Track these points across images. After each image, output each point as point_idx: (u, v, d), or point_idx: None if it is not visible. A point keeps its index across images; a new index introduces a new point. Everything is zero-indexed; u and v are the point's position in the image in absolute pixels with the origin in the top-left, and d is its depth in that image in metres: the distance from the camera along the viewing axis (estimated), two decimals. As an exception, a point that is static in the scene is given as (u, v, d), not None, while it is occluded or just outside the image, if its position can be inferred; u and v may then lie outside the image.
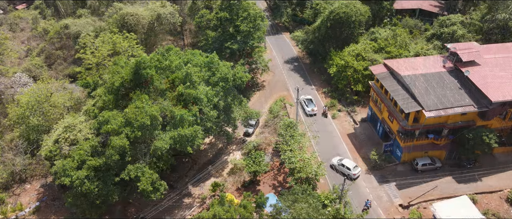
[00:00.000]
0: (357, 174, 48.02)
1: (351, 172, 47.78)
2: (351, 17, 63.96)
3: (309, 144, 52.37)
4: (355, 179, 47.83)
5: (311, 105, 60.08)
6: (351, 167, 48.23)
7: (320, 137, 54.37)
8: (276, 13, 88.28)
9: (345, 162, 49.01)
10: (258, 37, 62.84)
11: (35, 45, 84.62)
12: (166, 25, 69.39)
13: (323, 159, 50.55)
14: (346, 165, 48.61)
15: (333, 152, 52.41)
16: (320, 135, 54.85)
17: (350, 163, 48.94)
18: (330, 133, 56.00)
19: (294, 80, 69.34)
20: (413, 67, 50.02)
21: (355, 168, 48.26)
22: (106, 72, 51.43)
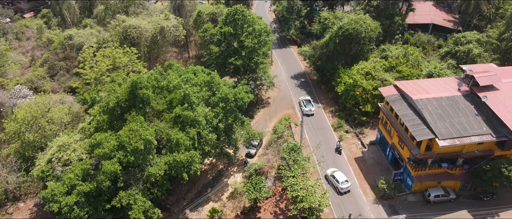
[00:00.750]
0: (345, 189, 46.94)
1: (339, 185, 46.83)
2: (361, 33, 61.23)
3: (314, 169, 49.52)
4: (342, 194, 46.68)
5: (309, 105, 62.36)
6: (340, 180, 47.21)
7: (325, 160, 51.59)
8: (283, 26, 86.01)
9: (336, 174, 48.18)
10: (263, 53, 60.48)
11: (39, 55, 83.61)
12: (170, 38, 67.56)
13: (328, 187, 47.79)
14: (336, 177, 47.78)
15: (339, 178, 49.60)
16: (326, 158, 52.05)
17: (341, 176, 47.89)
18: (337, 156, 53.11)
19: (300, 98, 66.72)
20: (425, 90, 47.03)
21: (344, 183, 47.09)
22: (103, 89, 49.55)
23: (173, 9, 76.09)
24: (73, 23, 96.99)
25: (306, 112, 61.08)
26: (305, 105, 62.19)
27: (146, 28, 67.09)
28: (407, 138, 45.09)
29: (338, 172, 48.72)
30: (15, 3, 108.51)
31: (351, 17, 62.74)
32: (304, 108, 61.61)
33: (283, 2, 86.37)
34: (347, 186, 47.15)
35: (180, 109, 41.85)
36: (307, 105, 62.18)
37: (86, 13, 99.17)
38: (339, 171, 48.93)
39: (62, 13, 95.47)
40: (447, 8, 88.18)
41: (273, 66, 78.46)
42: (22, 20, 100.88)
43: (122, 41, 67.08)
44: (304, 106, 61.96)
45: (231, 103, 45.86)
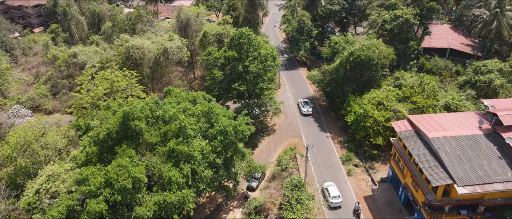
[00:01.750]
0: (335, 204, 46.88)
1: (330, 200, 47.04)
2: (373, 60, 57.78)
3: (318, 210, 45.68)
4: (332, 208, 46.75)
5: (307, 106, 68.05)
6: (332, 195, 47.48)
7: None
8: (293, 47, 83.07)
9: (330, 188, 48.51)
10: (269, 79, 57.42)
11: (44, 72, 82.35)
12: (173, 59, 65.20)
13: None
14: (329, 191, 48.11)
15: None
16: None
17: (334, 191, 48.07)
18: (344, 193, 49.19)
19: (307, 125, 63.29)
20: (442, 127, 43.09)
21: (335, 197, 47.19)
22: (97, 117, 47.09)
23: (179, 29, 74.02)
24: (80, 39, 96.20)
25: (304, 112, 67.43)
26: (303, 106, 68.07)
27: (150, 49, 64.96)
28: (422, 180, 41.08)
29: (332, 186, 48.99)
30: (26, 18, 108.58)
31: (362, 43, 59.42)
32: (302, 109, 67.78)
33: (293, 22, 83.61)
34: (338, 201, 46.95)
35: (174, 143, 38.90)
36: (305, 106, 68.11)
37: (94, 29, 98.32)
38: (334, 186, 49.07)
39: (70, 29, 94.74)
40: (465, 31, 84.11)
41: (280, 89, 75.38)
42: (30, 35, 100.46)
43: (124, 61, 65.12)
44: (302, 107, 68.05)
45: (231, 136, 42.71)
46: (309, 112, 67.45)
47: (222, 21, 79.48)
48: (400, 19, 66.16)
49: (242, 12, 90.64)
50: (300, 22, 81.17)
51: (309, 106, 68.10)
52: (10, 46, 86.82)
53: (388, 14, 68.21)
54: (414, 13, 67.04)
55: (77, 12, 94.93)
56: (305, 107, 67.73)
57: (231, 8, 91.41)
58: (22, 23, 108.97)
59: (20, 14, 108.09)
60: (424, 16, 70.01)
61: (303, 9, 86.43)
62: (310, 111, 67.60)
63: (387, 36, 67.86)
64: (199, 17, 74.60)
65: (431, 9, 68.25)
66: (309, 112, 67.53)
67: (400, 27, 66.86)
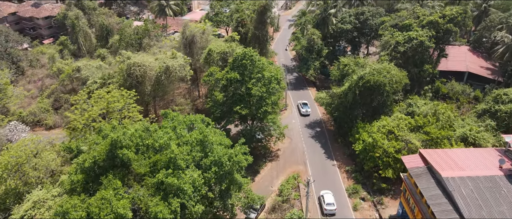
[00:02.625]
0: (328, 211, 47.63)
1: (324, 206, 47.89)
2: (384, 85, 54.30)
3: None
4: (326, 215, 47.50)
5: (306, 107, 71.67)
6: (327, 201, 48.27)
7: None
8: (302, 66, 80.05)
9: (325, 196, 49.30)
10: (272, 103, 54.43)
11: (49, 84, 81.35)
12: (175, 78, 62.96)
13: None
14: (324, 198, 48.95)
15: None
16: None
17: (329, 198, 48.84)
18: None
19: (313, 151, 59.88)
20: (458, 165, 39.24)
21: (329, 204, 47.94)
22: (86, 142, 44.83)
23: (184, 45, 71.99)
24: (88, 52, 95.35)
25: (303, 112, 71.01)
26: (302, 107, 71.97)
27: (151, 66, 62.96)
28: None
29: (328, 194, 49.72)
30: (36, 29, 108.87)
31: (373, 67, 56.06)
32: (301, 109, 71.36)
33: (302, 40, 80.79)
34: (332, 208, 47.68)
35: (163, 174, 36.15)
36: (304, 107, 71.81)
37: (103, 42, 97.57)
38: (329, 193, 49.82)
39: (78, 41, 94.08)
40: (485, 54, 79.72)
41: (287, 111, 72.30)
42: (39, 46, 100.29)
43: (126, 78, 63.27)
44: (301, 108, 71.69)
45: (226, 167, 39.74)
46: (308, 113, 70.92)
47: (229, 38, 77.28)
48: (415, 41, 62.59)
49: (251, 29, 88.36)
50: (310, 40, 78.27)
51: (308, 107, 71.48)
52: (17, 58, 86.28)
53: (402, 35, 64.75)
54: (430, 35, 63.41)
55: (86, 25, 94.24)
56: (304, 108, 71.47)
57: (239, 24, 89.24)
58: (33, 34, 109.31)
59: (31, 25, 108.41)
60: (440, 39, 66.23)
61: (314, 27, 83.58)
62: (309, 111, 71.11)
63: (400, 58, 64.27)
64: (204, 34, 72.47)
65: (448, 31, 64.50)
66: (308, 112, 71.03)
67: (414, 50, 63.23)
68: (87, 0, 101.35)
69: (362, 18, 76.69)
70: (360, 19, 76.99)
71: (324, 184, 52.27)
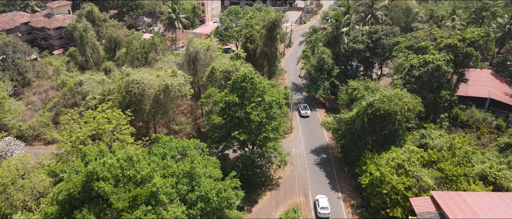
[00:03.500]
0: (322, 214, 48.90)
1: (318, 209, 49.33)
2: (396, 113, 50.01)
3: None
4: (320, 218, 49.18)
5: (306, 109, 74.88)
6: (321, 205, 49.62)
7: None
8: (311, 86, 76.22)
9: (320, 200, 50.53)
10: (273, 129, 50.77)
11: (52, 97, 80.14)
12: (175, 97, 60.22)
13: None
14: (319, 201, 50.31)
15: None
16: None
17: (323, 202, 50.14)
18: None
19: (317, 181, 55.80)
20: (475, 213, 34.60)
21: (323, 208, 49.28)
22: (67, 170, 42.18)
23: (188, 62, 69.47)
24: (95, 65, 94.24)
25: (303, 114, 74.09)
26: (302, 109, 75.06)
27: (151, 84, 60.53)
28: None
29: (323, 198, 50.98)
30: (48, 39, 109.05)
31: (383, 93, 51.86)
32: (301, 111, 74.62)
33: (312, 59, 77.09)
34: (326, 212, 48.99)
35: (142, 211, 33.02)
36: (304, 109, 74.90)
37: (111, 54, 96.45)
38: (324, 198, 51.08)
39: (86, 53, 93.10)
40: (509, 79, 74.13)
41: (292, 134, 68.46)
42: (48, 57, 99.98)
43: (124, 96, 61.05)
44: (301, 110, 74.85)
45: (213, 204, 36.29)
46: (307, 114, 73.98)
47: (234, 55, 74.43)
48: (431, 66, 58.07)
49: (260, 45, 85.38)
50: (320, 60, 74.51)
51: (308, 109, 74.60)
52: (24, 69, 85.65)
53: (417, 58, 60.33)
54: (447, 59, 58.78)
55: (94, 37, 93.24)
56: (304, 111, 74.52)
57: (248, 40, 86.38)
58: (44, 44, 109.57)
59: (42, 35, 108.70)
60: (460, 63, 61.46)
61: (325, 45, 79.89)
62: (309, 113, 74.15)
63: (415, 83, 59.77)
64: (209, 51, 69.80)
65: (468, 55, 59.71)
66: (308, 114, 73.96)
67: (430, 75, 58.67)
68: (98, 12, 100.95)
69: (375, 38, 72.56)
70: (373, 39, 72.88)
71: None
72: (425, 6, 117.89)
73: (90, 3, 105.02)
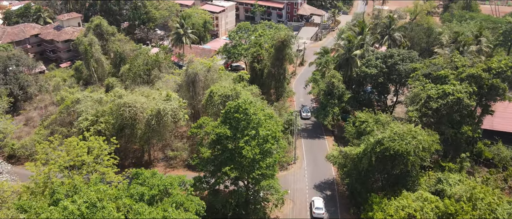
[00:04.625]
0: (316, 214, 50.41)
1: (313, 209, 50.88)
2: (408, 153, 44.10)
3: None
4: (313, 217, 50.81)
5: (306, 111, 78.13)
6: (316, 206, 51.14)
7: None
8: (319, 112, 70.70)
9: (316, 201, 52.11)
10: (268, 166, 45.59)
11: (51, 113, 77.64)
12: (168, 123, 56.02)
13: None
14: (314, 202, 51.84)
15: None
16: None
17: (318, 203, 51.77)
18: None
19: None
20: None
21: (318, 208, 50.85)
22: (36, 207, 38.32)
23: (187, 83, 65.47)
24: (99, 80, 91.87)
25: (303, 116, 76.51)
26: (302, 111, 77.90)
27: (144, 108, 56.68)
28: None
29: (319, 199, 52.73)
30: (56, 52, 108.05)
31: (395, 129, 46.02)
32: (302, 114, 76.95)
33: (321, 83, 71.75)
34: (320, 212, 50.49)
35: None
36: (304, 111, 77.93)
37: (117, 69, 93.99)
38: (320, 199, 52.78)
39: (90, 68, 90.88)
40: (542, 112, 66.57)
41: (295, 165, 63.06)
42: (54, 70, 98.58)
43: (116, 119, 57.42)
44: (302, 112, 77.33)
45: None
46: (307, 116, 76.52)
47: (237, 77, 69.97)
48: (451, 98, 51.83)
49: (268, 65, 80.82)
50: (329, 84, 69.05)
51: (309, 112, 77.45)
52: (26, 83, 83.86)
53: (435, 88, 54.20)
54: (470, 91, 52.41)
55: (99, 51, 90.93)
56: (305, 113, 77.34)
57: (255, 59, 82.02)
58: (52, 57, 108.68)
59: (51, 47, 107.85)
60: (484, 95, 54.91)
61: (336, 68, 74.48)
62: (309, 115, 76.66)
63: (432, 116, 53.59)
64: (210, 72, 65.63)
65: (493, 87, 53.12)
66: (308, 116, 76.58)
67: (450, 108, 52.37)
68: (106, 25, 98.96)
69: (390, 62, 66.63)
70: (388, 63, 66.95)
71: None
72: (448, 25, 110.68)
73: (99, 16, 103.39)
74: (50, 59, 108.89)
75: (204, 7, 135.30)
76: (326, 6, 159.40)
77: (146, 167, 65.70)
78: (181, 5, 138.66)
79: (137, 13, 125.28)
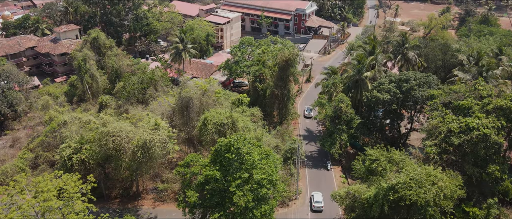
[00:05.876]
0: (316, 207, 54.09)
1: (313, 203, 54.58)
2: (427, 203, 37.66)
3: None
4: (315, 211, 53.94)
5: (309, 111, 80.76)
6: (316, 199, 54.81)
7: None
8: (325, 140, 64.43)
9: (315, 195, 55.62)
10: (263, 215, 39.49)
11: (38, 135, 72.69)
12: (155, 155, 50.32)
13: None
14: (314, 196, 55.36)
15: None
16: None
17: (318, 196, 55.37)
18: None
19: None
20: None
21: (317, 202, 54.54)
22: None
23: (180, 109, 59.85)
24: (93, 97, 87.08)
25: (306, 115, 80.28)
26: (306, 110, 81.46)
27: (130, 137, 51.11)
28: None
29: (318, 194, 56.16)
30: (52, 65, 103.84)
31: (411, 174, 39.58)
32: (305, 112, 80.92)
33: (328, 108, 65.55)
34: (319, 205, 54.38)
35: None
36: (307, 111, 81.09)
37: (113, 83, 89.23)
38: (319, 194, 56.23)
39: (83, 85, 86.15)
40: None
41: (298, 200, 56.79)
42: (49, 86, 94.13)
43: (99, 149, 51.96)
44: (305, 111, 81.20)
45: None
46: (310, 115, 78.93)
47: (236, 101, 64.19)
48: (475, 133, 45.22)
49: (271, 85, 75.03)
50: (337, 109, 62.83)
51: (311, 111, 79.76)
52: (15, 101, 79.32)
53: (457, 121, 47.63)
54: (498, 126, 45.72)
55: (94, 67, 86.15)
56: (307, 112, 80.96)
57: (257, 79, 76.29)
58: (48, 70, 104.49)
59: (47, 61, 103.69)
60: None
61: (344, 90, 68.25)
62: (312, 115, 78.26)
63: (454, 153, 46.97)
64: (205, 96, 59.96)
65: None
66: (311, 115, 78.69)
67: (475, 145, 45.68)
68: (104, 38, 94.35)
69: (405, 87, 60.11)
70: (402, 88, 60.46)
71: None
72: (465, 41, 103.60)
73: (96, 29, 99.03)
74: (46, 73, 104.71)
75: (209, 18, 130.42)
76: (336, 18, 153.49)
77: (134, 199, 60.40)
78: (184, 16, 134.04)
79: (138, 25, 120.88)
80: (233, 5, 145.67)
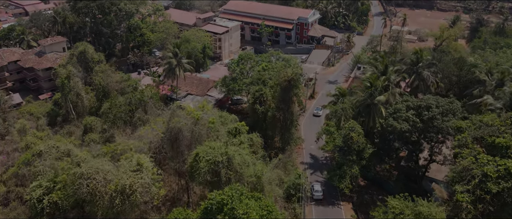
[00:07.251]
0: (316, 196, 56.93)
1: (313, 192, 57.35)
2: None
3: None
4: (314, 200, 56.70)
5: (317, 110, 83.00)
6: (315, 189, 57.66)
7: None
8: (333, 172, 56.95)
9: (315, 185, 58.55)
10: None
11: (12, 164, 65.04)
12: (135, 204, 42.78)
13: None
14: (314, 187, 58.25)
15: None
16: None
17: (317, 187, 58.05)
18: None
19: None
20: None
21: (316, 191, 57.36)
22: None
23: (169, 141, 52.31)
24: (78, 117, 79.51)
25: (315, 113, 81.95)
26: (315, 110, 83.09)
27: (107, 179, 43.58)
28: None
29: (317, 184, 59.11)
30: (37, 80, 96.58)
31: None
32: (315, 111, 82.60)
33: (336, 137, 57.99)
34: (319, 194, 57.07)
35: None
36: (317, 110, 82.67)
37: (100, 102, 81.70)
38: (318, 184, 59.09)
39: (67, 104, 78.64)
40: None
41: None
42: (31, 104, 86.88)
43: (72, 193, 44.49)
44: (314, 110, 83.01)
45: None
46: (319, 114, 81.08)
47: (233, 130, 56.69)
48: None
49: (272, 107, 67.63)
50: (346, 139, 55.35)
51: (320, 110, 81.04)
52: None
53: (493, 163, 40.07)
54: (545, 171, 38.19)
55: (79, 85, 78.64)
56: (317, 111, 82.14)
57: (257, 100, 68.87)
58: (33, 86, 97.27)
59: (32, 75, 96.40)
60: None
61: (354, 116, 60.81)
62: (320, 113, 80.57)
63: (491, 202, 39.38)
64: (197, 126, 52.44)
65: None
66: (319, 114, 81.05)
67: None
68: (92, 52, 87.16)
69: (426, 116, 52.54)
70: (423, 117, 52.90)
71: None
72: (481, 54, 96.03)
73: (84, 42, 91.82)
74: (30, 89, 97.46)
75: (206, 27, 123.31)
76: (339, 26, 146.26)
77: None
78: (181, 25, 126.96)
79: (131, 36, 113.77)
80: (232, 13, 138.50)
